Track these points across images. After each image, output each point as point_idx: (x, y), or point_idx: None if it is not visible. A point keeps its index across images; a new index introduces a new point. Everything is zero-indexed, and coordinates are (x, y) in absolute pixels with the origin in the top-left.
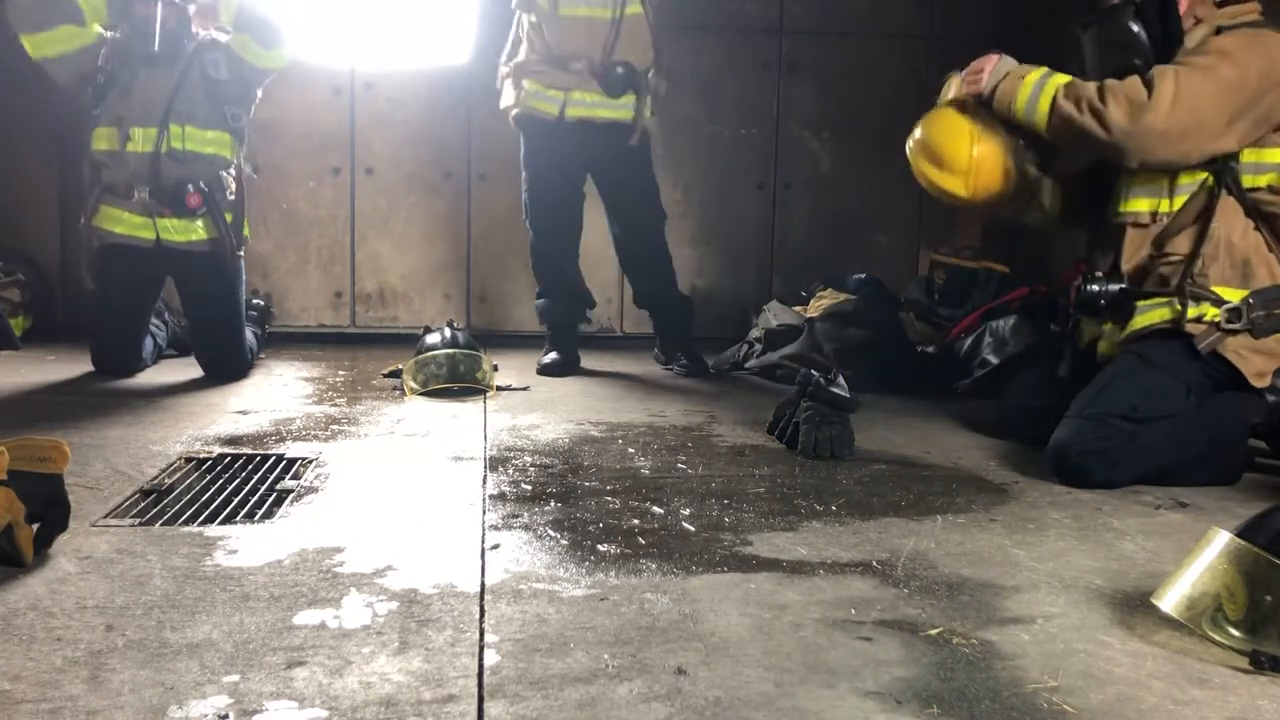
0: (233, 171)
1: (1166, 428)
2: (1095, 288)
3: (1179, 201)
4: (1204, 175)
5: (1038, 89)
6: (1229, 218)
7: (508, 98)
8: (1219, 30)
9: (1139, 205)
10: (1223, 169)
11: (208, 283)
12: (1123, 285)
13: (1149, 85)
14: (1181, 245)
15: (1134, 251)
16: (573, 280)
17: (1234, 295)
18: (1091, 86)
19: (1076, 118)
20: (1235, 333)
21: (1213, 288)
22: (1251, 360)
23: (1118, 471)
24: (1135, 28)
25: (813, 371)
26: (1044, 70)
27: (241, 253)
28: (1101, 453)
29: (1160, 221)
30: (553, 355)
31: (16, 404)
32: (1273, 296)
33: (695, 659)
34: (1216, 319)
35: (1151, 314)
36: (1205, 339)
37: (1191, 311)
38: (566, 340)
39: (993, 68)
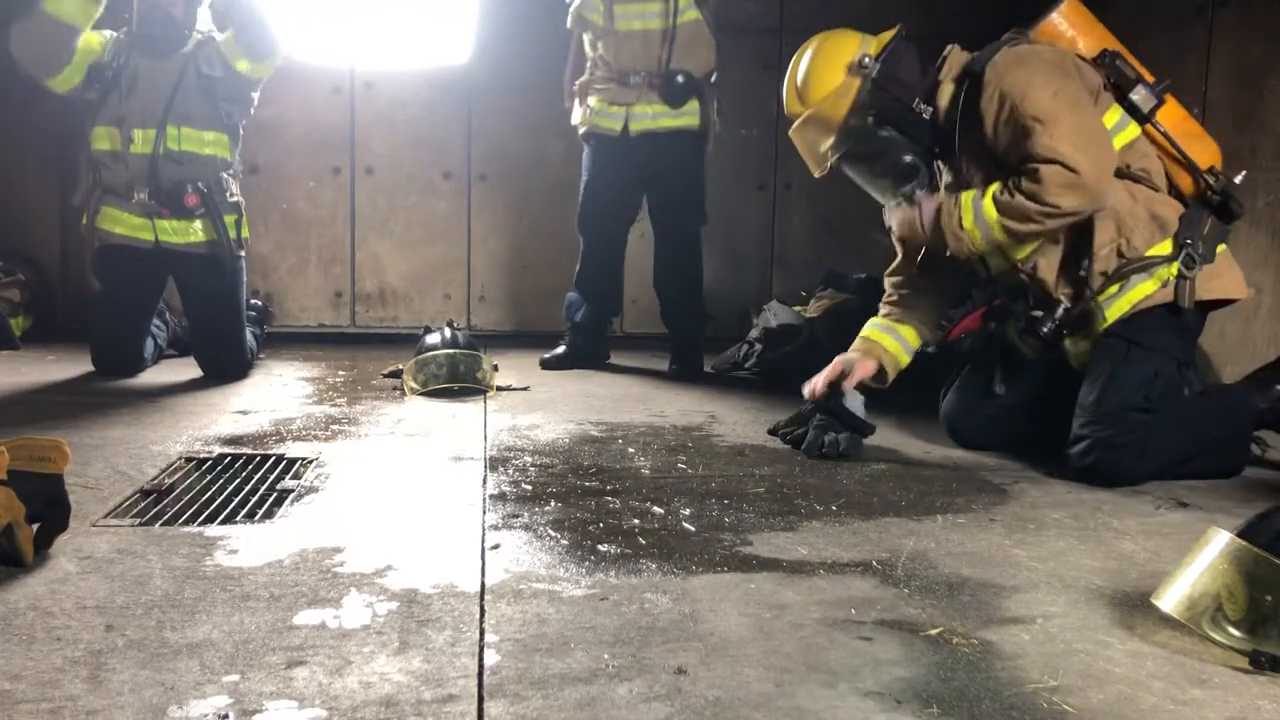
0: (233, 172)
1: (1177, 413)
2: (1047, 327)
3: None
4: None
5: (977, 203)
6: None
7: (576, 115)
8: (969, 75)
9: (1020, 253)
10: None
11: (207, 283)
12: (1066, 307)
13: (1047, 161)
14: (1096, 241)
15: (1054, 282)
16: (606, 288)
17: (1167, 247)
18: (1005, 197)
19: (1021, 225)
20: (1194, 273)
21: (1147, 254)
22: (1223, 282)
23: (1146, 461)
24: (883, 133)
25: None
26: (963, 200)
27: (242, 253)
28: (1128, 446)
29: (1046, 250)
30: (559, 350)
31: (16, 404)
32: (1191, 222)
33: (695, 659)
34: (1177, 273)
35: (1114, 307)
36: (1183, 295)
37: (1152, 284)
38: (576, 339)
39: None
